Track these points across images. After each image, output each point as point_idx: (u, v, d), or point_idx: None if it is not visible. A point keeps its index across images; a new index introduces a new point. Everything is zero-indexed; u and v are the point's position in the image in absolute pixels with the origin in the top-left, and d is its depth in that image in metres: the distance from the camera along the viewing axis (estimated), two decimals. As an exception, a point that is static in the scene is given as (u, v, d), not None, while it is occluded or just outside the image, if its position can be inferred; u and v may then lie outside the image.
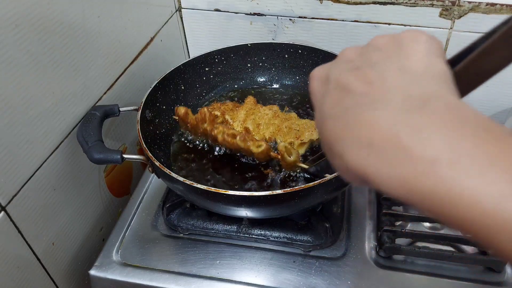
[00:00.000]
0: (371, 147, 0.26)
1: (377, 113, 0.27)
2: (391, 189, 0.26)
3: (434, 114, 0.25)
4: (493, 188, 0.22)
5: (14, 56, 0.54)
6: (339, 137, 0.28)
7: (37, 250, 0.64)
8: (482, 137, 0.24)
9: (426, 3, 0.82)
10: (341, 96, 0.30)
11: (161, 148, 0.77)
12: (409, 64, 0.29)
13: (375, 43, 0.32)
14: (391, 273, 0.65)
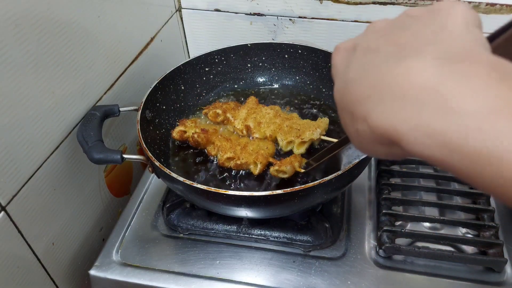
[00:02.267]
0: (405, 100, 0.23)
1: (413, 62, 0.24)
2: (426, 148, 0.23)
3: (477, 65, 0.22)
4: None
5: (14, 56, 0.54)
6: (366, 95, 0.26)
7: (37, 250, 0.64)
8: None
9: (426, 3, 0.82)
10: (369, 58, 0.27)
11: (161, 148, 0.77)
12: (447, 27, 0.26)
13: (408, 13, 0.29)
14: (391, 273, 0.65)
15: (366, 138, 0.27)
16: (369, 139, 0.27)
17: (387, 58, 0.26)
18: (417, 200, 0.74)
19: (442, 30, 0.26)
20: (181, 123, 0.78)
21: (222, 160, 0.71)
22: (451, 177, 0.77)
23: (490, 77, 0.22)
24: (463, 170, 0.22)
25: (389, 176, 0.78)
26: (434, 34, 0.26)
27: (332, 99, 0.85)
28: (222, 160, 0.71)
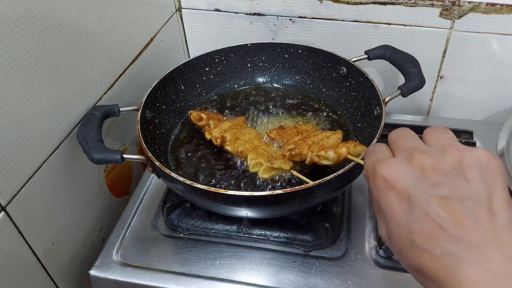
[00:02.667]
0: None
1: (477, 273, 0.28)
2: None
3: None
4: None
5: (14, 56, 0.54)
6: (429, 270, 0.31)
7: (37, 250, 0.64)
8: None
9: (426, 3, 0.82)
10: (432, 231, 0.31)
11: (161, 148, 0.77)
12: (496, 210, 0.31)
13: (448, 160, 0.33)
14: (391, 273, 0.65)
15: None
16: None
17: (451, 252, 0.30)
18: (417, 200, 0.74)
19: (493, 216, 0.30)
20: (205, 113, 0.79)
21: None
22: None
23: None
24: None
25: (389, 176, 0.78)
26: (488, 224, 0.30)
27: (331, 98, 0.85)
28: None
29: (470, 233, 0.30)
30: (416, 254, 0.32)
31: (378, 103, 0.71)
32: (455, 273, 0.29)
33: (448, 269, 0.30)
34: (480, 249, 0.29)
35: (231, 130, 0.73)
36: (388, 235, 0.35)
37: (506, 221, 0.30)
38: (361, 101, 0.78)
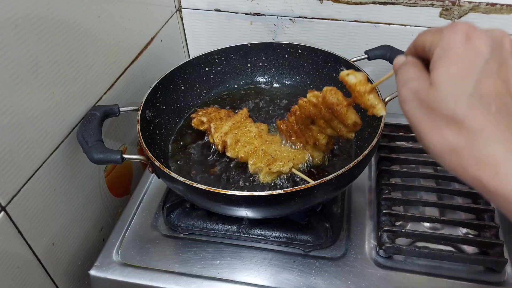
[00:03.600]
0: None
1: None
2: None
3: None
4: None
5: (14, 56, 0.54)
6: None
7: (37, 250, 0.64)
8: None
9: (426, 3, 0.82)
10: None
11: (161, 148, 0.77)
12: None
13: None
14: (391, 273, 0.65)
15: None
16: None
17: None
18: (417, 200, 0.74)
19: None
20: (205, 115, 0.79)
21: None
22: (451, 177, 0.77)
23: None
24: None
25: (389, 176, 0.78)
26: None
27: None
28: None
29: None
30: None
31: (378, 103, 0.71)
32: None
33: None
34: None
35: (231, 132, 0.74)
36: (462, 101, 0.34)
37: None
38: (361, 101, 0.78)
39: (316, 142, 0.68)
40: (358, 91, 0.52)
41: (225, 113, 0.79)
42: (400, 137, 0.86)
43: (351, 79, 0.53)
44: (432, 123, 0.34)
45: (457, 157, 0.33)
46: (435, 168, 0.79)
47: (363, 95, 0.52)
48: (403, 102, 0.36)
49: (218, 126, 0.76)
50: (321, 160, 0.72)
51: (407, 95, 0.36)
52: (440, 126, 0.34)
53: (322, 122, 0.63)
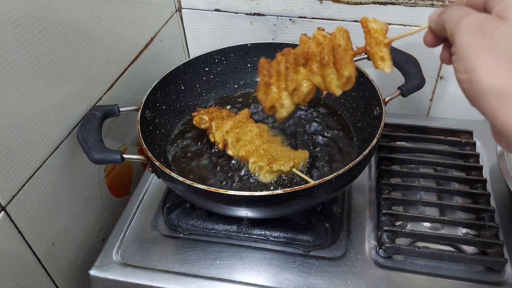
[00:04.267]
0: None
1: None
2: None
3: None
4: None
5: (14, 56, 0.54)
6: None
7: (37, 250, 0.64)
8: None
9: (426, 3, 0.82)
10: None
11: (161, 148, 0.77)
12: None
13: None
14: (391, 273, 0.65)
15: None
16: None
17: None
18: (417, 200, 0.74)
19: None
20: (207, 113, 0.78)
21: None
22: (451, 177, 0.77)
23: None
24: None
25: (389, 176, 0.78)
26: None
27: (331, 98, 0.85)
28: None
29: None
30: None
31: (378, 103, 0.71)
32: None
33: None
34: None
35: (233, 131, 0.74)
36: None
37: None
38: (361, 101, 0.78)
39: (296, 89, 0.61)
40: (376, 38, 0.49)
41: (226, 113, 0.80)
42: (400, 137, 0.86)
43: (372, 24, 0.50)
44: (492, 55, 0.33)
45: (504, 99, 0.32)
46: (435, 168, 0.79)
47: (379, 44, 0.49)
48: (463, 30, 0.34)
49: (219, 125, 0.76)
50: (288, 113, 0.64)
51: (471, 23, 0.34)
52: (500, 62, 0.32)
53: (316, 66, 0.57)
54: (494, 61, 0.32)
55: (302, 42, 0.58)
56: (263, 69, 0.63)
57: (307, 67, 0.58)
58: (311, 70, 0.58)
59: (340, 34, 0.55)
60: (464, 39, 0.34)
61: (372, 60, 0.50)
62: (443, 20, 0.38)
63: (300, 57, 0.58)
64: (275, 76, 0.61)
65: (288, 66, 0.60)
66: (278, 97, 0.61)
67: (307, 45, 0.57)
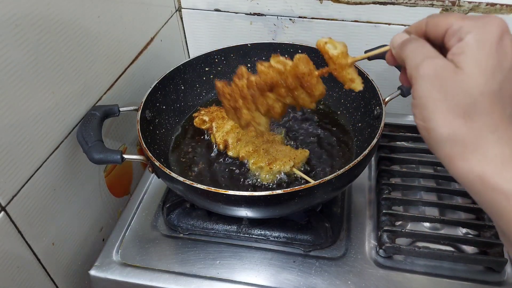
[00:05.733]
0: None
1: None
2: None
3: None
4: None
5: (14, 56, 0.54)
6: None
7: (37, 250, 0.64)
8: None
9: (426, 3, 0.82)
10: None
11: (161, 148, 0.77)
12: None
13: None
14: (391, 273, 0.65)
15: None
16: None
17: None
18: (417, 200, 0.74)
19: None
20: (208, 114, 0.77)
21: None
22: (451, 177, 0.77)
23: None
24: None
25: (389, 176, 0.78)
26: None
27: (331, 98, 0.85)
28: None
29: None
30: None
31: (378, 103, 0.71)
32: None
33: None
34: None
35: (233, 131, 0.74)
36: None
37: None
38: (361, 101, 0.78)
39: (269, 109, 0.59)
40: (340, 63, 0.49)
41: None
42: (400, 137, 0.86)
43: (331, 49, 0.49)
44: (448, 107, 0.33)
45: (460, 147, 0.33)
46: (435, 168, 0.79)
47: (344, 68, 0.49)
48: (422, 78, 0.35)
49: (219, 125, 0.76)
50: (267, 129, 0.62)
51: (429, 71, 0.35)
52: (455, 112, 0.33)
53: (284, 91, 0.56)
54: (450, 112, 0.33)
55: (261, 72, 0.56)
56: (223, 93, 0.60)
57: (274, 92, 0.57)
58: (280, 94, 0.56)
59: (300, 62, 0.53)
60: (421, 87, 0.35)
61: (342, 82, 0.50)
62: (404, 56, 0.38)
63: (264, 86, 0.56)
64: (241, 100, 0.59)
65: (254, 93, 0.57)
66: (252, 118, 0.59)
67: (269, 76, 0.55)
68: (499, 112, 0.33)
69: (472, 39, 0.34)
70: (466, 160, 0.33)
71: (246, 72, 0.58)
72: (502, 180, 0.31)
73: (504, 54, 0.33)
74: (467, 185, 0.34)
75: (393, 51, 0.41)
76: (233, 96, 0.59)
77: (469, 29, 0.34)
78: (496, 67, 0.33)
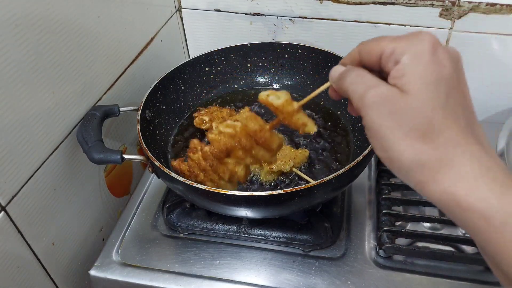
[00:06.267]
0: None
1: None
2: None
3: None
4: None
5: (14, 56, 0.54)
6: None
7: (37, 250, 0.64)
8: None
9: (426, 3, 0.82)
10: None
11: (161, 148, 0.77)
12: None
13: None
14: (391, 273, 0.65)
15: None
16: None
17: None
18: (417, 200, 0.74)
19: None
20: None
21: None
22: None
23: None
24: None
25: (389, 176, 0.78)
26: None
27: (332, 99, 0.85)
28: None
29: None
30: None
31: (378, 103, 0.71)
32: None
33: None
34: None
35: None
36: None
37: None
38: (361, 101, 0.78)
39: (232, 175, 0.57)
40: (287, 111, 0.48)
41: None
42: (400, 137, 0.86)
43: (274, 100, 0.49)
44: (404, 132, 0.32)
45: (428, 170, 0.32)
46: (435, 168, 0.79)
47: (292, 114, 0.48)
48: (369, 108, 0.34)
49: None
50: (236, 187, 0.59)
51: (375, 100, 0.33)
52: (413, 136, 0.32)
53: (241, 153, 0.54)
54: (408, 137, 0.32)
55: (213, 140, 0.54)
56: (182, 172, 0.59)
57: (232, 157, 0.55)
58: (238, 157, 0.55)
59: (249, 121, 0.52)
60: (372, 118, 0.34)
61: (295, 128, 0.49)
62: (345, 88, 0.37)
63: (219, 154, 0.55)
64: (201, 173, 0.58)
65: (212, 163, 0.56)
66: (218, 185, 0.58)
67: (222, 142, 0.54)
68: (455, 125, 0.32)
69: (407, 59, 0.33)
70: (437, 182, 0.32)
71: (199, 144, 0.57)
72: (475, 199, 0.30)
73: (441, 64, 0.33)
74: (443, 207, 0.33)
75: (334, 85, 0.40)
76: (193, 172, 0.58)
77: (402, 50, 0.34)
78: (437, 79, 0.32)
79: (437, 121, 0.32)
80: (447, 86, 0.32)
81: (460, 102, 0.33)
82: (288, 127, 0.49)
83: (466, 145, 0.32)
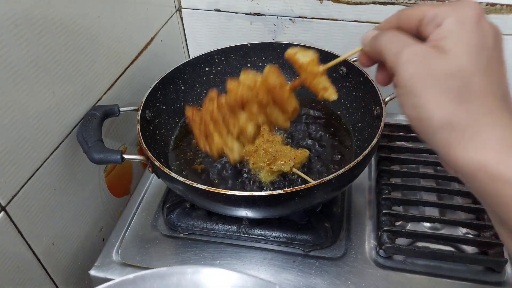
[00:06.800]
0: None
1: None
2: None
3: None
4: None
5: (14, 56, 0.54)
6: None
7: (37, 250, 0.64)
8: None
9: (426, 3, 0.82)
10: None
11: (161, 148, 0.77)
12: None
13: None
14: (391, 273, 0.65)
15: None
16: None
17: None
18: (417, 200, 0.74)
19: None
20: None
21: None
22: (451, 177, 0.77)
23: None
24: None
25: (389, 176, 0.78)
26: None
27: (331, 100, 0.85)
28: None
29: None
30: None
31: (378, 103, 0.71)
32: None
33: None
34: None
35: None
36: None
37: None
38: (361, 101, 0.78)
39: (241, 132, 0.54)
40: (311, 71, 0.46)
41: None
42: (400, 137, 0.86)
43: (301, 57, 0.47)
44: (439, 91, 0.31)
45: (458, 133, 0.31)
46: (435, 168, 0.79)
47: (315, 76, 0.46)
48: (406, 64, 0.33)
49: None
50: (241, 155, 0.56)
51: (412, 57, 0.33)
52: (448, 96, 0.31)
53: (255, 108, 0.52)
54: (443, 96, 0.31)
55: (231, 90, 0.52)
56: (193, 120, 0.57)
57: (246, 110, 0.53)
58: (251, 112, 0.52)
59: (270, 74, 0.50)
60: (407, 72, 0.33)
61: (314, 92, 0.48)
62: (379, 48, 0.37)
63: (234, 104, 0.52)
64: (212, 124, 0.55)
65: (224, 114, 0.54)
66: (224, 143, 0.55)
67: (240, 93, 0.52)
68: (492, 93, 0.31)
69: (451, 22, 0.33)
70: (465, 148, 0.31)
71: (217, 94, 0.55)
72: (506, 168, 0.29)
73: (484, 33, 0.32)
74: (467, 175, 0.31)
75: (366, 48, 0.39)
76: (202, 119, 0.56)
77: (446, 15, 0.33)
78: (480, 45, 0.32)
79: (475, 85, 0.31)
80: (488, 55, 0.32)
81: (498, 73, 0.33)
82: (308, 89, 0.47)
83: (501, 115, 0.31)
